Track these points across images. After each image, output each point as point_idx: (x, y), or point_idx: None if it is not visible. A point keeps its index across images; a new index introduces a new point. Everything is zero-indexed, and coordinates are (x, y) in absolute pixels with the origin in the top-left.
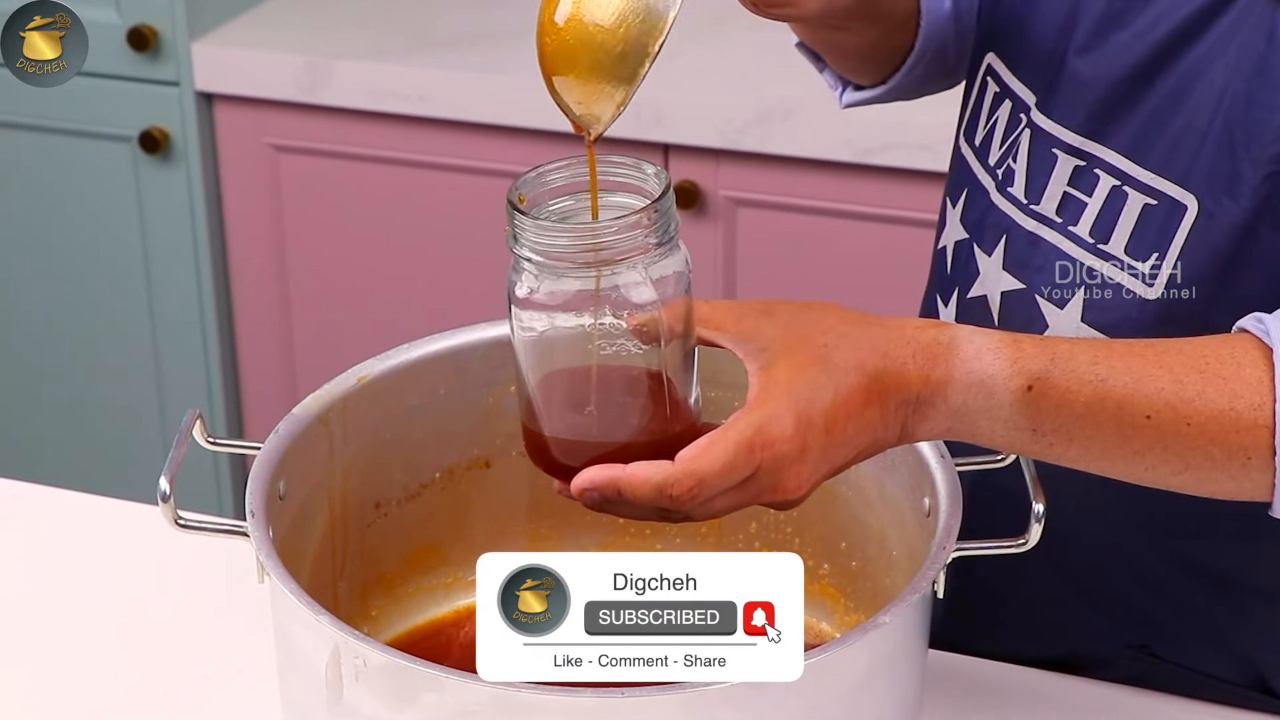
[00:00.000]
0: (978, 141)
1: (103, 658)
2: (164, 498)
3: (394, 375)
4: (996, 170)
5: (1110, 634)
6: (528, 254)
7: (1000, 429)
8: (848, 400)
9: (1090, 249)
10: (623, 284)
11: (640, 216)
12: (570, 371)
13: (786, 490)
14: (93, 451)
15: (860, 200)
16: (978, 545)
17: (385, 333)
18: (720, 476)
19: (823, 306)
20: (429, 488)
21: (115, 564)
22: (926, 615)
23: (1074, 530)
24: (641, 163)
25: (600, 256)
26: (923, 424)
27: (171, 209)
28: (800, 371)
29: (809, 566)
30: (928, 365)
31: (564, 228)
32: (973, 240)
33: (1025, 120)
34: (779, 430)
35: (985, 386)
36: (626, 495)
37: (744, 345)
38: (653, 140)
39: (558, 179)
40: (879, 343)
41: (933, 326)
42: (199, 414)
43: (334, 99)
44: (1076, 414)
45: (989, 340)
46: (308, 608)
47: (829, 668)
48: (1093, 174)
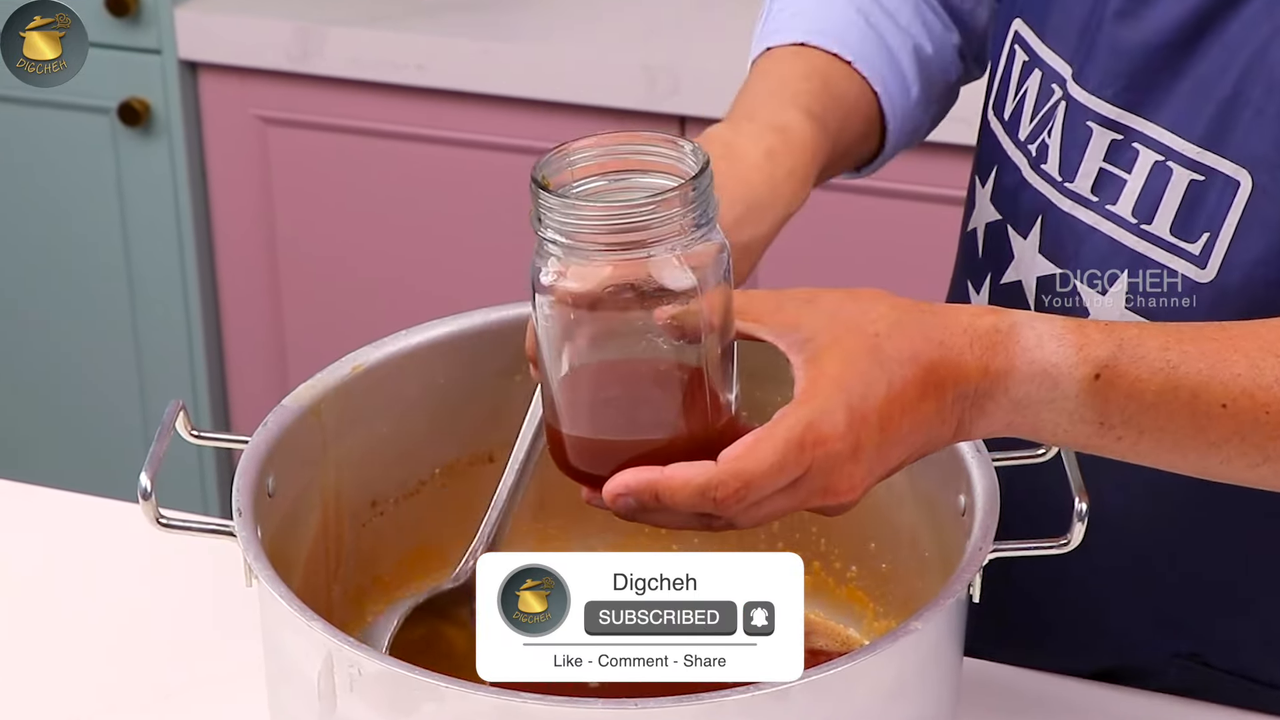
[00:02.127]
0: (1007, 115)
1: (76, 667)
2: (145, 495)
3: (392, 364)
4: (1029, 146)
5: (1159, 641)
6: (554, 235)
7: (1064, 422)
8: (903, 394)
9: (1133, 230)
10: (658, 269)
11: (677, 194)
12: (600, 365)
13: (839, 492)
14: (68, 445)
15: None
16: (1016, 546)
17: (382, 318)
18: (769, 477)
19: (870, 294)
20: (429, 485)
21: (91, 567)
22: (961, 621)
23: (1121, 529)
24: (678, 140)
25: (634, 237)
26: (980, 419)
27: (153, 186)
28: (851, 363)
29: (836, 569)
30: (986, 355)
31: (594, 206)
32: (1006, 222)
33: (1059, 92)
34: (831, 427)
35: (1049, 376)
36: (665, 499)
37: (786, 337)
38: (667, 112)
39: (586, 156)
40: (934, 331)
41: (990, 313)
42: (182, 405)
43: (326, 68)
44: (1147, 404)
45: (1052, 326)
46: (299, 613)
47: (857, 677)
48: (1131, 149)
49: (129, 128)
